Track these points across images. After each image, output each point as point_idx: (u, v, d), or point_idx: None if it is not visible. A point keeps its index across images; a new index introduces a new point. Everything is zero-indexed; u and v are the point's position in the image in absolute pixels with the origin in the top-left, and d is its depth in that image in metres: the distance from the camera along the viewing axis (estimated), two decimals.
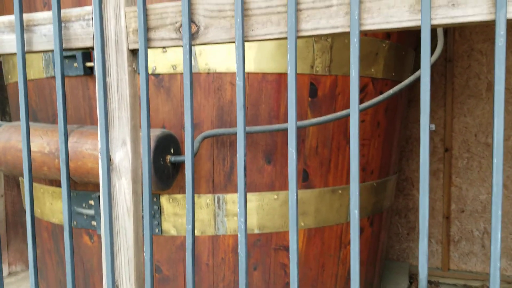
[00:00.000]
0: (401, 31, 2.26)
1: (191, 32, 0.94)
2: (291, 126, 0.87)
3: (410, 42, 2.41)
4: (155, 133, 1.70)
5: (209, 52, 1.82)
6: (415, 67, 2.70)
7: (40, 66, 2.06)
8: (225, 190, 1.91)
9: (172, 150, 1.77)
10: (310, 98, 1.95)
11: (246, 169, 0.91)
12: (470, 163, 3.30)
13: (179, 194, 1.90)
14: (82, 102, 1.97)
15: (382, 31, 0.86)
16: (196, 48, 1.82)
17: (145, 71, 0.96)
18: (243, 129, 0.90)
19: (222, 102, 1.85)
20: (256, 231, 1.96)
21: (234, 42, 0.91)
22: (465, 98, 3.28)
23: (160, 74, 1.85)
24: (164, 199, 1.91)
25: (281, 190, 1.96)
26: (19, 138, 1.87)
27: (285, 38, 0.89)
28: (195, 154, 1.77)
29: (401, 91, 1.98)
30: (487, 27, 3.22)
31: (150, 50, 1.81)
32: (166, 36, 0.97)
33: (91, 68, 1.91)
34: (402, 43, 2.31)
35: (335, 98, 2.01)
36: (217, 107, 1.85)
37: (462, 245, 3.37)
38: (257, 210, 1.94)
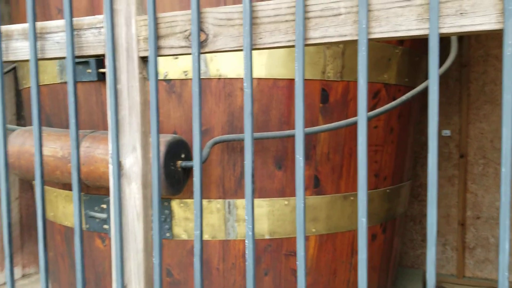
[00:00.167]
0: None
1: (200, 40, 0.95)
2: (299, 134, 0.87)
3: (423, 48, 2.40)
4: (166, 138, 1.72)
5: (220, 58, 1.84)
6: None
7: (54, 71, 2.09)
8: (235, 195, 1.91)
9: (183, 156, 1.78)
10: (321, 104, 1.95)
11: (253, 176, 0.92)
12: (486, 169, 3.25)
13: (190, 199, 1.91)
14: (95, 107, 1.99)
15: (390, 40, 0.86)
16: (207, 54, 1.83)
17: (154, 79, 0.98)
18: (251, 136, 0.91)
19: (232, 108, 1.86)
20: (266, 237, 1.96)
21: (242, 50, 0.92)
22: (481, 103, 3.24)
23: (171, 80, 1.87)
24: (175, 204, 1.93)
25: (291, 196, 1.96)
26: (33, 143, 1.90)
27: (293, 46, 0.89)
28: (206, 159, 1.78)
29: (414, 97, 1.97)
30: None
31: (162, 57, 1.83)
32: (176, 44, 0.98)
33: (104, 74, 1.93)
34: (415, 49, 2.29)
35: (347, 104, 2.00)
36: (227, 113, 1.86)
37: (478, 252, 3.32)
38: (267, 216, 1.94)
